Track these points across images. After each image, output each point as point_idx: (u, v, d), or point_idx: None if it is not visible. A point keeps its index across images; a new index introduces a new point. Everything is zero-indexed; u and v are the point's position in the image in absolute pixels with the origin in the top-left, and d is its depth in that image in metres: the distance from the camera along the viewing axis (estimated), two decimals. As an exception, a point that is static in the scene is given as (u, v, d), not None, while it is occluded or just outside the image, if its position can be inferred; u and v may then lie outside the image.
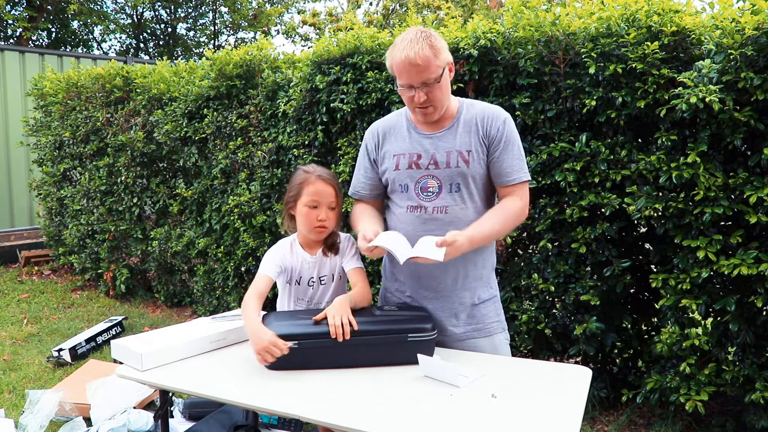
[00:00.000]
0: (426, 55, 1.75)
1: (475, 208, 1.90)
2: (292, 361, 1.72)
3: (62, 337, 4.17)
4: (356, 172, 2.09)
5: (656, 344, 2.70)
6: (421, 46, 1.75)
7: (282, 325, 1.77)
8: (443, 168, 1.88)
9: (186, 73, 4.51)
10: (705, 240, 2.46)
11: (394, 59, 1.81)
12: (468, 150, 1.88)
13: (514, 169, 1.89)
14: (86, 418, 2.94)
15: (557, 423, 1.41)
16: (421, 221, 1.89)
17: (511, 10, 2.92)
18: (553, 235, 2.88)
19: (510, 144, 1.89)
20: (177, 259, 4.74)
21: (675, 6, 2.60)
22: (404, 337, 1.75)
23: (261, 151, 3.91)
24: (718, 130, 2.45)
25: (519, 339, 2.98)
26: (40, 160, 5.75)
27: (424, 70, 1.76)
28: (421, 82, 1.78)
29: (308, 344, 1.73)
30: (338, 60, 3.43)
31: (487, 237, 1.86)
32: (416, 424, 1.41)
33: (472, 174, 1.87)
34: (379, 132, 2.02)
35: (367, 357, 1.75)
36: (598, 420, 2.96)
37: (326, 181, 2.01)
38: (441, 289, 1.94)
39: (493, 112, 1.91)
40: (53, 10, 12.56)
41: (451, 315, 1.95)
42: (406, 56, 1.75)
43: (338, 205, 2.05)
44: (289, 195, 2.05)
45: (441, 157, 1.89)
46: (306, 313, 1.89)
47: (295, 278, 2.06)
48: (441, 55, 1.79)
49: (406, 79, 1.79)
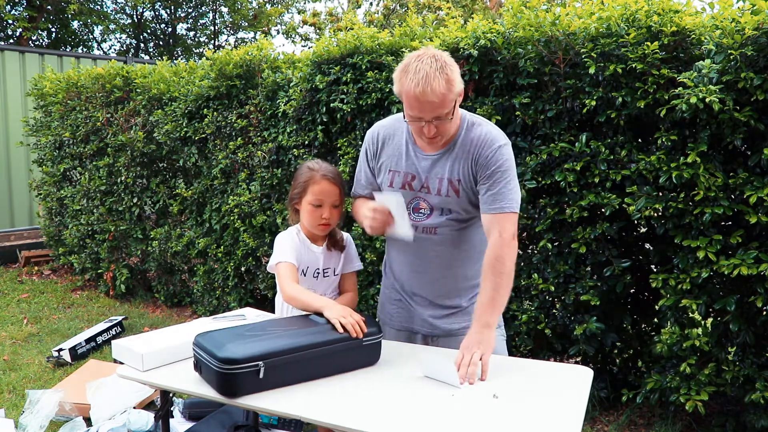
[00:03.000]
0: (442, 92, 1.65)
1: (467, 228, 1.91)
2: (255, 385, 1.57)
3: (62, 337, 4.17)
4: (357, 173, 2.06)
5: (656, 344, 2.70)
6: (438, 82, 1.64)
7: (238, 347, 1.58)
8: (434, 194, 1.86)
9: (186, 73, 4.50)
10: (705, 240, 2.46)
11: (405, 89, 1.69)
12: (458, 179, 1.83)
13: (497, 198, 1.80)
14: (86, 418, 2.94)
15: (558, 423, 1.41)
16: (414, 242, 1.90)
17: (511, 10, 2.92)
18: (553, 235, 2.88)
19: (499, 172, 1.80)
20: (177, 259, 4.74)
21: (675, 6, 2.60)
22: (359, 342, 1.70)
23: (261, 151, 3.91)
24: (718, 130, 2.45)
25: (519, 339, 2.98)
26: (40, 160, 5.75)
27: (439, 106, 1.68)
28: (434, 117, 1.70)
29: (270, 363, 1.58)
30: (338, 60, 3.43)
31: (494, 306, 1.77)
32: (416, 424, 1.41)
33: (461, 201, 1.85)
34: (378, 138, 1.96)
35: (325, 368, 1.68)
36: (598, 420, 2.96)
37: (331, 180, 2.02)
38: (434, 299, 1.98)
39: (489, 138, 1.82)
40: (53, 10, 12.55)
41: (445, 316, 1.98)
42: (422, 92, 1.65)
43: (341, 202, 2.06)
44: (294, 191, 2.07)
45: (433, 183, 1.86)
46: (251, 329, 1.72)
47: (302, 268, 2.07)
48: (455, 88, 1.70)
49: (417, 112, 1.71)
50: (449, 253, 1.91)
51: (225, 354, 1.55)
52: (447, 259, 1.92)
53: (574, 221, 2.79)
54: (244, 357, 1.55)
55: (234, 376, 1.54)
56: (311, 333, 1.70)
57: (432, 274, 1.95)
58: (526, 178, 2.84)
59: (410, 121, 1.76)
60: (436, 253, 1.91)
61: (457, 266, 1.94)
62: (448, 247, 1.90)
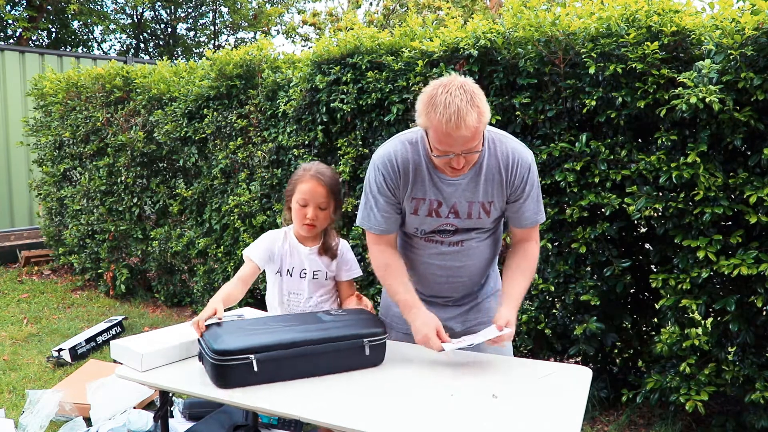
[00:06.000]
0: (475, 125, 1.57)
1: (491, 238, 1.94)
2: (250, 377, 1.60)
3: (62, 337, 4.17)
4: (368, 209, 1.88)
5: (656, 344, 2.70)
6: (471, 117, 1.56)
7: (234, 339, 1.61)
8: (464, 218, 1.83)
9: (186, 73, 4.51)
10: (705, 240, 2.46)
11: (434, 124, 1.60)
12: (491, 201, 1.81)
13: (532, 212, 1.87)
14: (86, 418, 2.94)
15: (558, 423, 1.41)
16: (437, 252, 1.90)
17: (511, 10, 2.92)
18: (553, 235, 2.88)
19: (532, 190, 1.84)
20: (177, 259, 4.74)
21: (675, 6, 2.60)
22: (360, 342, 1.71)
23: (261, 151, 3.91)
24: (718, 130, 2.45)
25: (519, 339, 2.98)
26: (40, 160, 5.75)
27: (471, 140, 1.61)
28: (465, 150, 1.63)
29: (265, 357, 1.60)
30: (338, 60, 3.43)
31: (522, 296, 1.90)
32: (416, 424, 1.41)
33: (491, 219, 1.87)
34: (398, 165, 1.80)
35: (327, 365, 1.69)
36: (598, 420, 2.95)
37: (319, 180, 2.01)
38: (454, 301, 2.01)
39: (519, 158, 1.79)
40: (53, 10, 12.55)
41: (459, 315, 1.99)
42: (456, 127, 1.55)
43: (330, 206, 2.04)
44: (287, 189, 2.10)
45: (462, 207, 1.81)
46: (253, 323, 1.75)
47: (286, 268, 2.07)
48: (485, 119, 1.61)
49: (446, 147, 1.63)
50: (476, 259, 1.94)
51: (220, 346, 1.59)
52: (473, 267, 1.95)
53: (574, 221, 2.79)
54: (237, 349, 1.59)
55: (227, 368, 1.58)
56: (313, 330, 1.71)
57: (455, 281, 1.95)
58: (526, 178, 2.85)
59: (438, 155, 1.67)
60: (461, 263, 1.92)
61: (480, 270, 1.97)
62: (474, 255, 1.92)
